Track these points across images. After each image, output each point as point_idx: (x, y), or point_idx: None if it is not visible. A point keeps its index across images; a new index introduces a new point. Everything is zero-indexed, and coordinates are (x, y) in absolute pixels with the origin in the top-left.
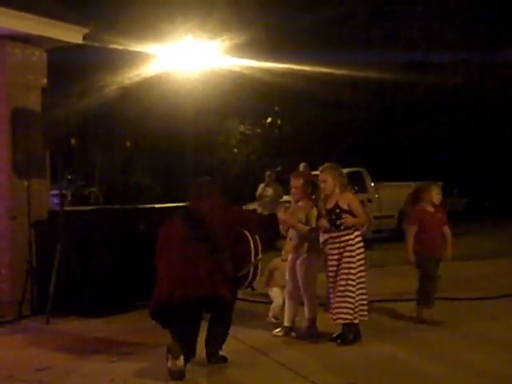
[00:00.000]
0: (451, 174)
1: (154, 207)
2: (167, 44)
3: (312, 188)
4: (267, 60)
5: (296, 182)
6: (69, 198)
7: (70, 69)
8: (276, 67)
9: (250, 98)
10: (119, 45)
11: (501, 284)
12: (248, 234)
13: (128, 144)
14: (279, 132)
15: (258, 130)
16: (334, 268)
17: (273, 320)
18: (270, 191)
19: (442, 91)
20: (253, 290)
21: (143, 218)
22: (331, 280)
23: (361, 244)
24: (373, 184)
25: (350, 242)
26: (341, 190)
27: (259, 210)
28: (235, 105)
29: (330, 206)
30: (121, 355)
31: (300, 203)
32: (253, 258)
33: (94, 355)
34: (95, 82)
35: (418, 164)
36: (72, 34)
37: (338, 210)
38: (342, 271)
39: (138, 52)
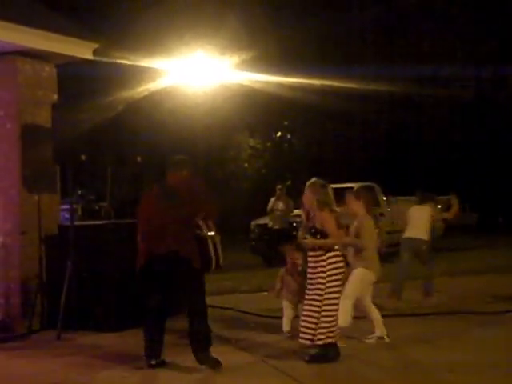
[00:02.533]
0: (464, 188)
1: None
2: (177, 59)
3: None
4: (277, 74)
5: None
6: (79, 212)
7: (79, 84)
8: (286, 81)
9: (260, 112)
10: (129, 60)
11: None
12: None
13: (139, 159)
14: (289, 146)
15: (269, 144)
16: (307, 286)
17: (286, 334)
18: (280, 205)
19: (453, 106)
20: (220, 268)
21: None
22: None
23: (334, 265)
24: (385, 198)
25: (321, 263)
26: (319, 208)
27: (270, 224)
28: (245, 119)
29: (310, 224)
30: (132, 370)
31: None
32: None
33: (105, 370)
34: (105, 97)
35: (429, 178)
36: (82, 50)
37: (313, 230)
38: (311, 291)
39: (148, 67)
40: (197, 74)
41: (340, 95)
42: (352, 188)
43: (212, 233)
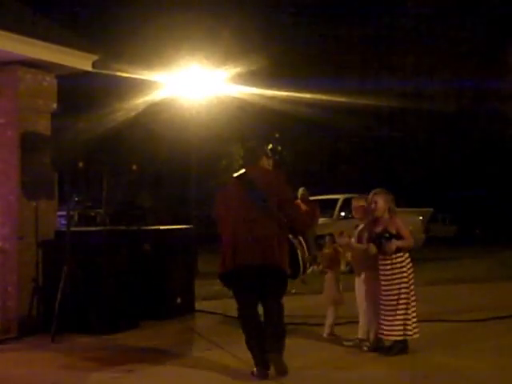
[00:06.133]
0: (444, 201)
1: (158, 229)
2: (173, 72)
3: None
4: (269, 87)
5: (358, 202)
6: (76, 218)
7: (79, 95)
8: (277, 94)
9: (252, 124)
10: (126, 72)
11: (489, 307)
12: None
13: (134, 167)
14: (280, 158)
15: None
16: (384, 288)
17: (330, 337)
18: None
19: (435, 120)
20: (304, 283)
21: (148, 239)
22: (382, 299)
23: (410, 264)
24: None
25: (402, 264)
26: (390, 215)
27: None
28: (238, 130)
29: (378, 229)
30: (124, 372)
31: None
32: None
33: (98, 372)
34: (103, 107)
35: (412, 191)
36: (82, 61)
37: (387, 235)
38: (394, 291)
39: (145, 79)
40: (192, 86)
41: (330, 108)
42: (338, 199)
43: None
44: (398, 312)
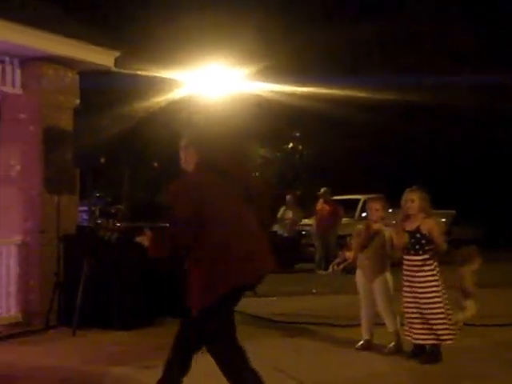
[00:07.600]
0: (471, 202)
1: None
2: (193, 70)
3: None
4: (289, 84)
5: (377, 205)
6: (97, 214)
7: (100, 93)
8: (298, 91)
9: (271, 121)
10: (147, 70)
11: (508, 313)
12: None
13: (155, 164)
14: (300, 157)
15: (278, 154)
16: (409, 289)
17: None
18: (289, 214)
19: (459, 117)
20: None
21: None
22: (409, 301)
23: (438, 268)
24: (390, 210)
25: (431, 267)
26: (425, 214)
27: (279, 233)
28: (257, 128)
29: (410, 228)
30: (142, 368)
31: (376, 225)
32: None
33: (117, 367)
34: (124, 106)
35: (436, 191)
36: (104, 57)
37: (418, 235)
38: (428, 295)
39: (165, 78)
40: (211, 84)
41: (351, 105)
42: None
43: None
44: (434, 317)
